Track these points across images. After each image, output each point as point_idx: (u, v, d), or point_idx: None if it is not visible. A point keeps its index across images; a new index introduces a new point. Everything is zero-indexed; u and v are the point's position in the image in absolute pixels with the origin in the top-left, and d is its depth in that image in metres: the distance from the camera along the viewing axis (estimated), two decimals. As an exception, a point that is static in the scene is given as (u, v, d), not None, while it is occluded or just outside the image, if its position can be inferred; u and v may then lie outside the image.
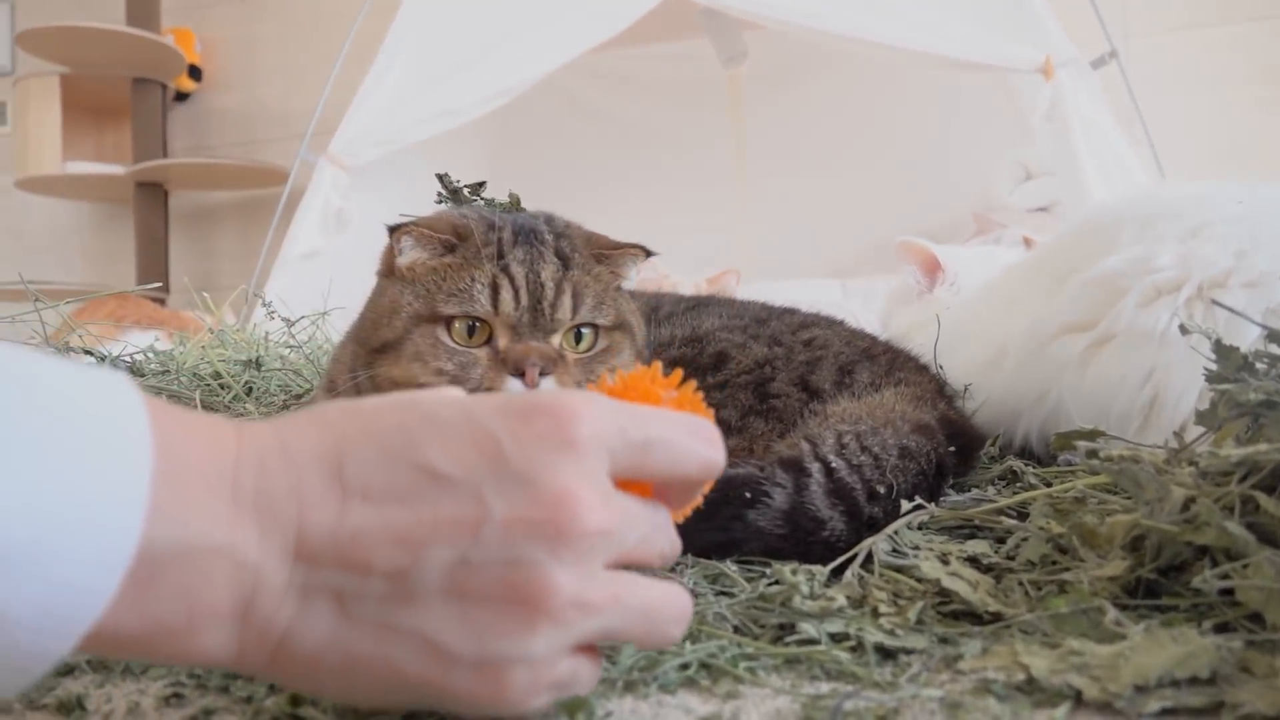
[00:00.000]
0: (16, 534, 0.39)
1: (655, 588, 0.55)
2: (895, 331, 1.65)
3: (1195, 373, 0.94)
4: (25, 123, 4.62)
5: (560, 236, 0.98)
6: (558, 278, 0.93)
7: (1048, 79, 2.81)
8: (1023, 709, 0.57)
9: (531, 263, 0.93)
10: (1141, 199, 1.35)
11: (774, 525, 0.84)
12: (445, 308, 0.90)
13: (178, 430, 0.46)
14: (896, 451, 0.92)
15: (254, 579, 0.47)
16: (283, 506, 0.47)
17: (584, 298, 0.94)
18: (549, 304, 0.92)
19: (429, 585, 0.48)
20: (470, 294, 0.90)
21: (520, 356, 0.89)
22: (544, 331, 0.91)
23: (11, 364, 0.43)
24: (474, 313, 0.90)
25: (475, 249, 0.92)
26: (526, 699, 0.51)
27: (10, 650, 0.41)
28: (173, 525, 0.44)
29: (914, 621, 0.71)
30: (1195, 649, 0.59)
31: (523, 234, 0.96)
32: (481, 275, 0.91)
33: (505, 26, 3.09)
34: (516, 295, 0.91)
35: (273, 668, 0.50)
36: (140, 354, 1.35)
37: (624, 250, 0.99)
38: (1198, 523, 0.70)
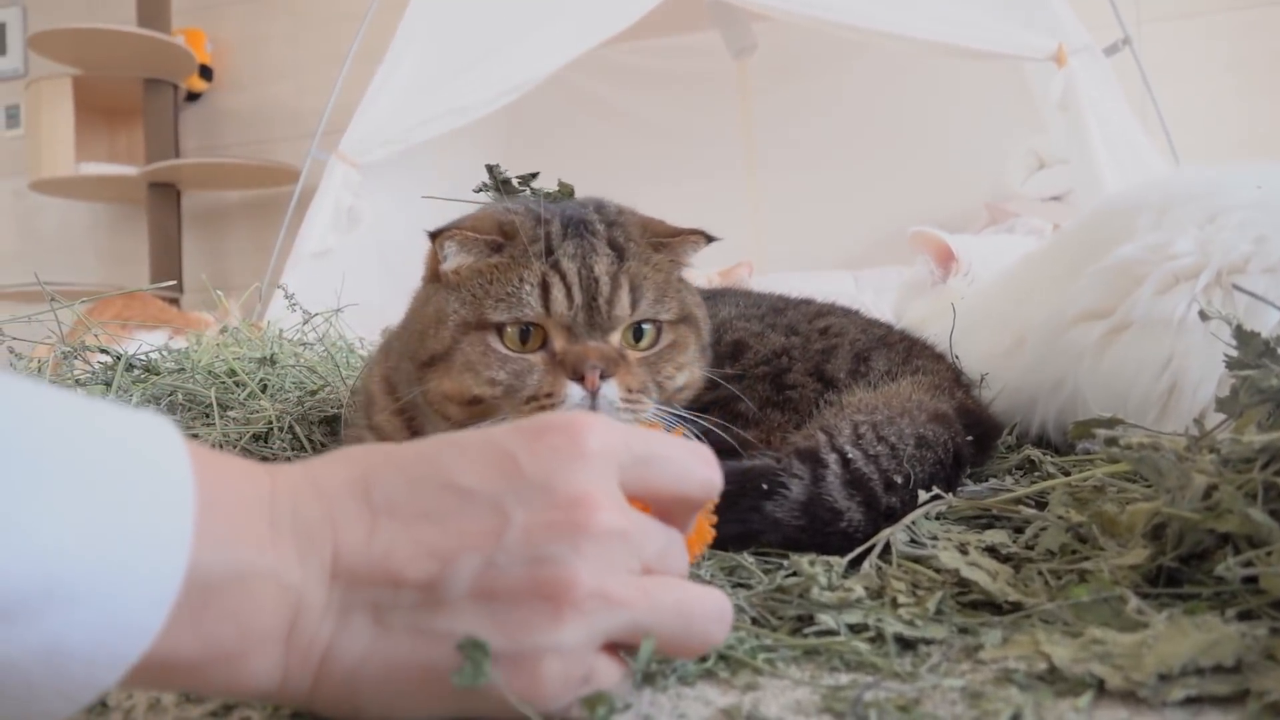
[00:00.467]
0: (74, 571, 0.41)
1: (691, 588, 0.57)
2: (910, 322, 1.64)
3: (1214, 360, 0.93)
4: (38, 125, 4.64)
5: (613, 225, 0.93)
6: (613, 270, 0.88)
7: (1061, 66, 2.79)
8: (1045, 698, 0.57)
9: (583, 256, 0.87)
10: (1158, 185, 1.34)
11: (791, 516, 0.83)
12: (494, 314, 0.85)
13: (216, 469, 0.49)
14: (913, 441, 0.91)
15: (297, 600, 0.49)
16: (318, 531, 0.49)
17: (643, 291, 0.89)
18: (605, 300, 0.87)
19: (460, 591, 0.50)
20: (519, 296, 0.85)
21: (578, 359, 0.84)
22: (601, 330, 0.87)
23: (63, 407, 0.45)
24: (524, 317, 0.86)
25: (522, 247, 0.88)
26: (561, 691, 0.52)
27: (63, 680, 0.43)
28: (219, 551, 0.46)
29: (933, 612, 0.70)
30: (1219, 637, 0.58)
31: (572, 226, 0.90)
32: (530, 275, 0.86)
33: (514, 22, 3.09)
34: (569, 293, 0.86)
35: (316, 691, 0.51)
36: (155, 352, 1.36)
37: (683, 237, 0.94)
38: (1220, 510, 0.69)
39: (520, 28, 3.07)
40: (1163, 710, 0.55)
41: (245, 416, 1.16)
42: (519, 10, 3.12)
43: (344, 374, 1.32)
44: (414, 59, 3.15)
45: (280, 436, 1.12)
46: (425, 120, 3.06)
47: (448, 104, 3.03)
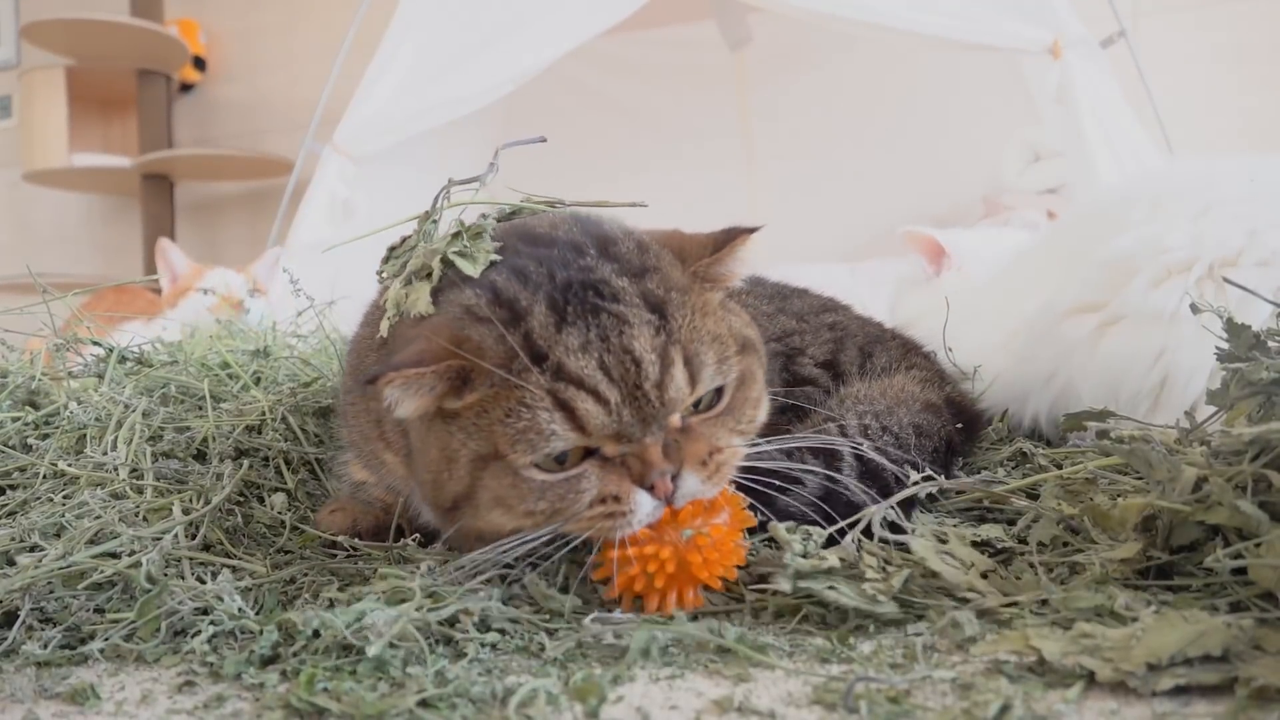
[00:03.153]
0: None
1: None
2: (905, 316, 1.65)
3: (1206, 353, 0.93)
4: (31, 116, 4.62)
5: (643, 274, 0.72)
6: (660, 344, 0.69)
7: (1056, 59, 2.78)
8: (1034, 690, 0.57)
9: (605, 339, 0.68)
10: (1151, 178, 1.34)
11: (809, 509, 0.83)
12: (516, 454, 0.68)
13: None
14: (912, 430, 0.93)
15: None
16: None
17: (702, 357, 0.71)
18: (653, 384, 0.68)
19: None
20: (536, 429, 0.67)
21: (642, 469, 0.69)
22: (657, 422, 0.69)
23: None
24: (554, 450, 0.68)
25: (500, 359, 0.69)
26: None
27: None
28: None
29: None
30: (1207, 628, 0.58)
31: (573, 297, 0.70)
32: (530, 398, 0.67)
33: (510, 13, 3.08)
34: (600, 399, 0.67)
35: None
36: (148, 345, 1.36)
37: (730, 247, 0.76)
38: (1210, 502, 0.70)
39: (517, 19, 3.06)
40: (1152, 700, 0.55)
41: (238, 408, 1.16)
42: (515, 1, 3.10)
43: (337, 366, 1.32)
44: (409, 50, 3.13)
45: (273, 427, 1.11)
46: (420, 112, 3.05)
47: (443, 95, 3.02)
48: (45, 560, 0.79)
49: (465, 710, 0.58)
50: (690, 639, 0.67)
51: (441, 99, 3.03)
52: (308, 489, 1.05)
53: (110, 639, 0.71)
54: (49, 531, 0.87)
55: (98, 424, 1.09)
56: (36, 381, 1.24)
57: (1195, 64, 3.56)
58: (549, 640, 0.68)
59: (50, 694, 0.64)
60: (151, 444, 1.05)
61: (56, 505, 0.92)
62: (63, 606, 0.75)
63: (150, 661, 0.69)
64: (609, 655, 0.67)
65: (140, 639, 0.71)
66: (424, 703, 0.58)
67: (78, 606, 0.75)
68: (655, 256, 0.75)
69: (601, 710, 0.57)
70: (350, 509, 0.95)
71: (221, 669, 0.66)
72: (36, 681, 0.66)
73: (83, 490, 0.94)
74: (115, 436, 1.05)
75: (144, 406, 1.12)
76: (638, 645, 0.66)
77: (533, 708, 0.57)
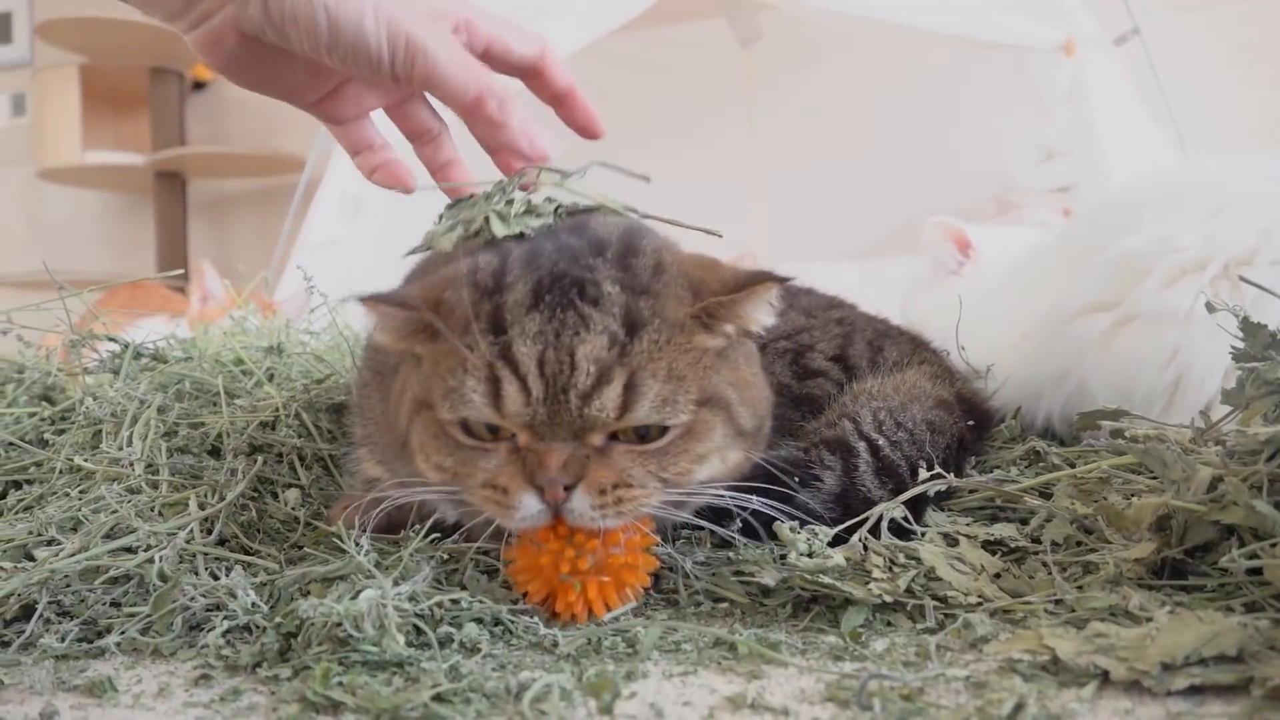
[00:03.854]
0: None
1: None
2: (916, 315, 1.64)
3: (1220, 352, 0.93)
4: (45, 113, 4.65)
5: (639, 292, 0.71)
6: (607, 359, 0.68)
7: (1069, 57, 2.78)
8: (1048, 688, 0.57)
9: (557, 333, 0.68)
10: (1164, 177, 1.33)
11: (826, 508, 0.83)
12: (442, 408, 0.71)
13: None
14: (925, 426, 0.93)
15: None
16: None
17: (645, 390, 0.68)
18: (578, 394, 0.67)
19: None
20: (462, 392, 0.69)
21: (534, 466, 0.68)
22: (574, 431, 0.68)
23: None
24: (471, 417, 0.70)
25: (464, 321, 0.70)
26: None
27: None
28: None
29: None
30: (1222, 628, 0.58)
31: (555, 287, 0.70)
32: (472, 364, 0.69)
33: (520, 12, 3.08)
34: (523, 386, 0.68)
35: None
36: (162, 341, 1.36)
37: (749, 290, 0.73)
38: (1225, 502, 0.69)
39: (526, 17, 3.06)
40: (1166, 699, 0.55)
41: (252, 404, 1.17)
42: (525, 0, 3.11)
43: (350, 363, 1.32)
44: (420, 48, 3.14)
45: (287, 424, 1.12)
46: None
47: (454, 93, 3.03)
48: (62, 554, 0.79)
49: (480, 705, 0.58)
50: (703, 636, 0.68)
51: (452, 97, 3.02)
52: (321, 485, 1.06)
53: (127, 633, 0.72)
54: (66, 526, 0.87)
55: (113, 419, 1.10)
56: (53, 377, 1.25)
57: (1209, 62, 3.54)
58: (561, 636, 0.69)
59: (68, 686, 0.65)
60: (166, 439, 1.06)
61: (73, 500, 0.93)
62: (80, 600, 0.76)
63: (166, 655, 0.70)
64: (622, 651, 0.67)
65: (156, 633, 0.72)
66: (439, 697, 0.58)
67: (94, 600, 0.75)
68: (665, 283, 0.73)
69: (615, 706, 0.58)
70: (363, 507, 0.95)
71: (237, 662, 0.66)
72: (55, 674, 0.66)
73: (99, 485, 0.95)
74: (130, 432, 1.06)
75: (159, 402, 1.13)
76: (650, 639, 0.67)
77: (546, 703, 0.58)
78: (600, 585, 0.71)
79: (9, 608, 0.73)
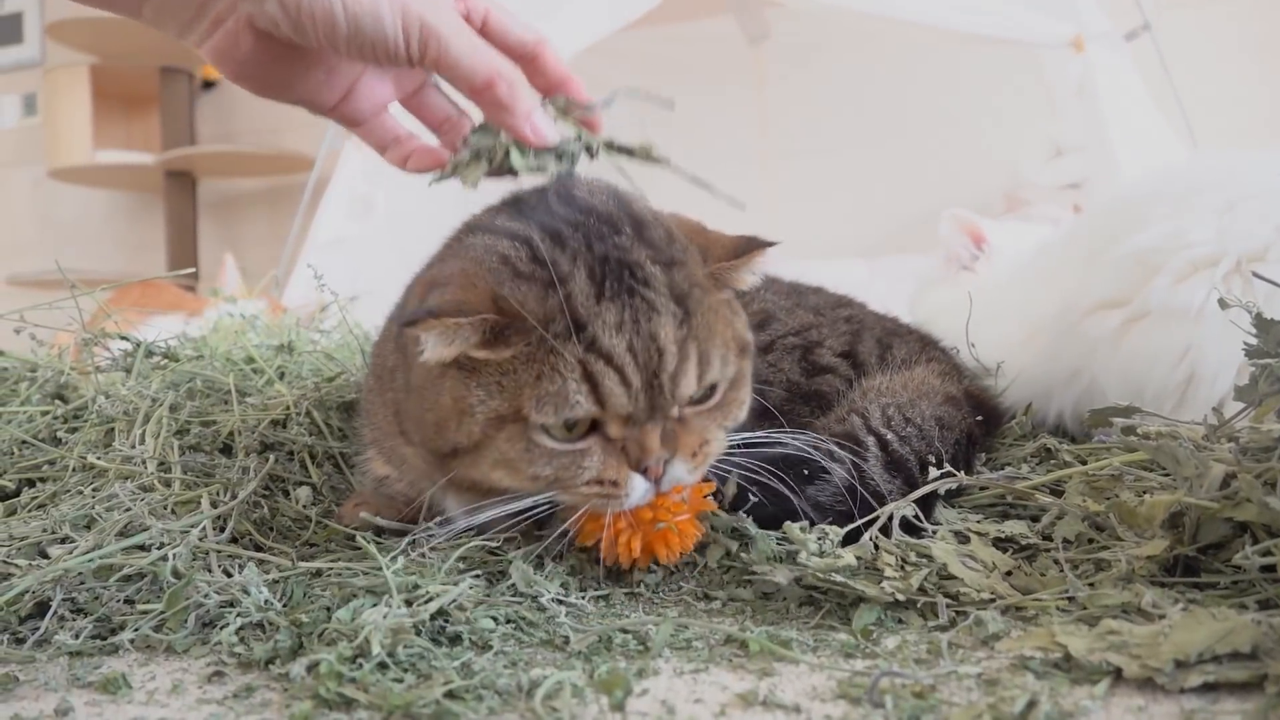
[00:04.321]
0: None
1: None
2: (927, 311, 1.64)
3: (1232, 349, 0.93)
4: (56, 113, 4.66)
5: (673, 264, 0.74)
6: (680, 337, 0.72)
7: (1079, 53, 2.76)
8: (1061, 685, 0.57)
9: (636, 321, 0.70)
10: (1175, 173, 1.33)
11: (836, 501, 0.83)
12: (536, 414, 0.71)
13: None
14: (934, 422, 0.93)
15: None
16: None
17: (711, 357, 0.74)
18: (669, 376, 0.71)
19: None
20: (563, 394, 0.70)
21: (641, 452, 0.72)
22: (664, 411, 0.73)
23: None
24: (574, 416, 0.71)
25: (541, 318, 0.70)
26: None
27: None
28: None
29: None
30: (1236, 625, 0.58)
31: (612, 274, 0.72)
32: (565, 365, 0.70)
33: (529, 10, 3.08)
34: (624, 379, 0.70)
35: None
36: (174, 340, 1.37)
37: (748, 257, 0.79)
38: (1238, 499, 0.69)
39: (535, 16, 3.06)
40: (1180, 697, 0.55)
41: (263, 402, 1.17)
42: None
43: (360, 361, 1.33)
44: (428, 46, 3.15)
45: (298, 421, 1.12)
46: (440, 108, 3.06)
47: (462, 91, 3.03)
48: (76, 552, 0.80)
49: (491, 702, 0.58)
50: (714, 634, 0.68)
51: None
52: (332, 483, 1.06)
53: (140, 630, 0.72)
54: (79, 523, 0.88)
55: (125, 418, 1.10)
56: (65, 376, 1.26)
57: (1220, 57, 3.52)
58: (573, 633, 0.69)
59: (83, 683, 0.65)
60: (178, 438, 1.06)
61: (86, 498, 0.94)
62: (94, 597, 0.76)
63: (180, 652, 0.70)
64: (633, 649, 0.67)
65: (170, 630, 0.72)
66: (450, 694, 0.59)
67: (108, 597, 0.76)
68: (682, 250, 0.77)
69: (627, 703, 0.58)
70: (373, 503, 0.96)
71: (250, 658, 0.66)
72: (69, 671, 0.67)
73: (112, 483, 0.95)
74: (143, 430, 1.06)
75: (170, 400, 1.13)
76: (661, 637, 0.67)
77: (558, 700, 0.58)
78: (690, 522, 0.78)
79: (24, 605, 0.74)
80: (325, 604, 0.72)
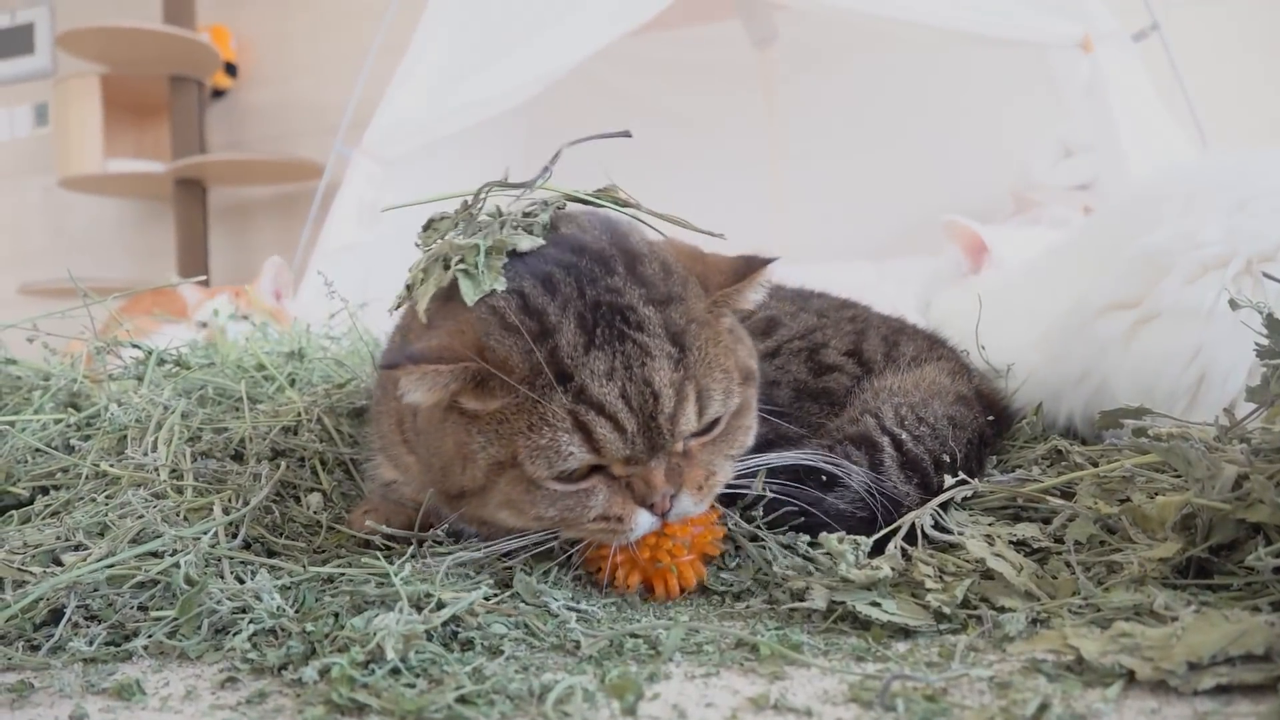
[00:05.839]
0: None
1: None
2: (940, 313, 1.64)
3: (1244, 349, 0.92)
4: (67, 122, 4.69)
5: (666, 302, 0.73)
6: (677, 379, 0.71)
7: (1087, 53, 2.75)
8: (1073, 688, 0.57)
9: (629, 368, 0.70)
10: (1185, 173, 1.32)
11: (855, 508, 0.83)
12: (532, 467, 0.71)
13: None
14: (947, 421, 0.93)
15: None
16: None
17: (712, 392, 0.73)
18: (667, 417, 0.71)
19: None
20: (554, 446, 0.70)
21: (645, 490, 0.72)
22: (666, 449, 0.73)
23: None
24: (569, 468, 0.71)
25: (523, 373, 0.70)
26: None
27: None
28: None
29: (959, 600, 0.71)
30: (1249, 627, 0.58)
31: (600, 320, 0.71)
32: (553, 416, 0.70)
33: (537, 15, 3.09)
34: (618, 425, 0.70)
35: None
36: (184, 347, 1.38)
37: (750, 278, 0.78)
38: (1250, 500, 0.69)
39: (542, 20, 3.07)
40: (1193, 699, 0.55)
41: (274, 409, 1.18)
42: (541, 3, 3.12)
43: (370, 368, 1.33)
44: (436, 53, 3.15)
45: (309, 428, 1.13)
46: (448, 114, 3.06)
47: (470, 98, 3.03)
48: (90, 559, 0.80)
49: (503, 707, 0.58)
50: (725, 637, 0.68)
51: (468, 101, 3.04)
52: (343, 489, 1.06)
53: (154, 636, 0.72)
54: (93, 531, 0.88)
55: (138, 425, 1.11)
56: (78, 384, 1.27)
57: (1229, 56, 3.51)
58: (584, 638, 0.69)
59: (97, 689, 0.65)
60: (190, 445, 1.07)
61: (99, 505, 0.94)
62: (107, 604, 0.76)
63: (193, 658, 0.70)
64: (644, 653, 0.67)
65: (183, 636, 0.72)
66: (462, 699, 0.59)
67: (122, 604, 0.76)
68: (680, 284, 0.76)
69: (639, 707, 0.58)
70: (382, 509, 0.96)
71: (263, 664, 0.67)
72: (83, 677, 0.67)
73: (124, 490, 0.96)
74: (155, 437, 1.07)
75: (182, 408, 1.14)
76: (672, 641, 0.67)
77: (569, 705, 0.58)
78: (691, 564, 0.79)
79: (38, 612, 0.74)
80: (336, 610, 0.72)
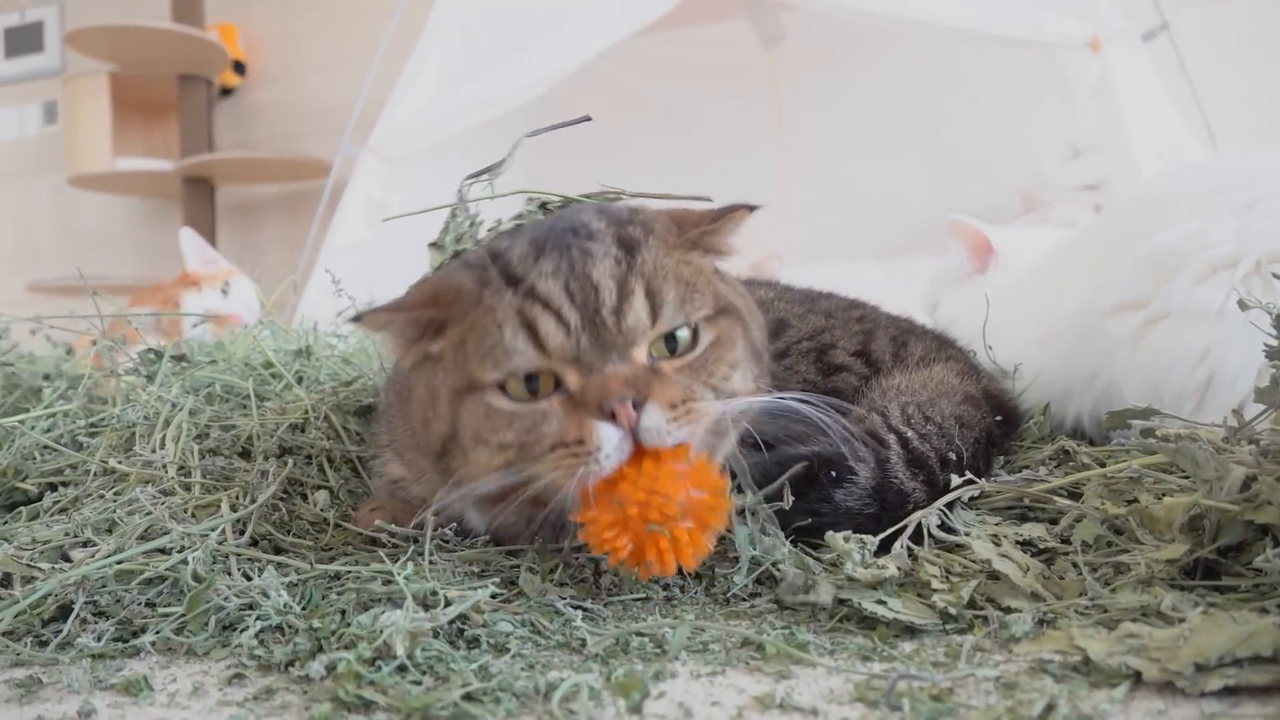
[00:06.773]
0: None
1: None
2: (948, 313, 1.63)
3: (1253, 350, 0.92)
4: (76, 121, 4.71)
5: (625, 223, 0.78)
6: (620, 273, 0.72)
7: (1096, 53, 2.75)
8: (1079, 689, 0.57)
9: (572, 266, 0.72)
10: (1195, 173, 1.32)
11: (863, 505, 0.83)
12: (481, 371, 0.72)
13: None
14: (954, 420, 0.93)
15: None
16: None
17: (663, 291, 0.73)
18: (610, 310, 0.71)
19: None
20: (501, 344, 0.71)
21: (600, 394, 0.69)
22: (619, 349, 0.71)
23: None
24: (518, 366, 0.71)
25: (475, 292, 0.74)
26: None
27: None
28: None
29: (965, 601, 0.71)
30: (1256, 628, 0.58)
31: (553, 237, 0.75)
32: (503, 314, 0.72)
33: (544, 14, 3.09)
34: (560, 317, 0.71)
35: None
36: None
37: (726, 217, 0.79)
38: (1258, 501, 0.69)
39: (550, 20, 3.07)
40: (1200, 700, 0.54)
41: (282, 407, 1.18)
42: (548, 2, 3.12)
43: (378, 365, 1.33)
44: (443, 52, 3.16)
45: (316, 426, 1.13)
46: (455, 114, 3.07)
47: (477, 97, 3.04)
48: (98, 556, 0.81)
49: (509, 705, 0.58)
50: (731, 636, 0.68)
51: (475, 101, 3.05)
52: (349, 487, 1.07)
53: (161, 632, 0.73)
54: (101, 527, 0.89)
55: (146, 422, 1.11)
56: (87, 381, 1.27)
57: (1239, 56, 3.50)
58: (590, 636, 0.69)
59: (105, 685, 0.66)
60: (198, 442, 1.07)
61: (107, 502, 0.95)
62: (115, 600, 0.77)
63: (200, 654, 0.71)
64: (650, 651, 0.67)
65: (190, 632, 0.73)
66: (468, 697, 0.59)
67: (130, 601, 0.77)
68: (646, 217, 0.79)
69: (644, 706, 0.58)
70: (389, 507, 0.96)
71: (270, 661, 0.67)
72: (91, 673, 0.67)
73: (133, 487, 0.96)
74: (163, 435, 1.07)
75: (190, 405, 1.14)
76: (678, 639, 0.67)
77: (575, 703, 0.58)
78: (689, 531, 0.70)
79: (46, 608, 0.75)
80: (343, 607, 0.72)
